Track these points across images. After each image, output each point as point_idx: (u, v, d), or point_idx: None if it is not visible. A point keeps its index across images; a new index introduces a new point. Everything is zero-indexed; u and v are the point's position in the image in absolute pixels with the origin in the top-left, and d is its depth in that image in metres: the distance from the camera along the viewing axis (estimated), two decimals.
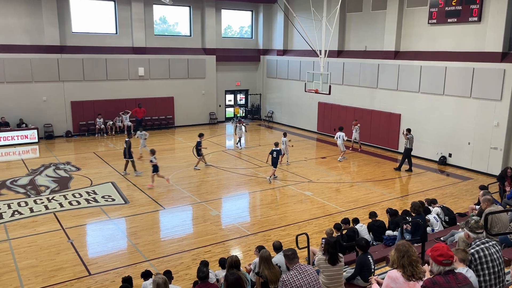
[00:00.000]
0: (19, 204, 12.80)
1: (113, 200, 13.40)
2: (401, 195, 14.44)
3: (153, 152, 14.79)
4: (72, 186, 14.61)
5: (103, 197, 13.55)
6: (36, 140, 20.85)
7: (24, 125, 20.99)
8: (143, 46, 24.01)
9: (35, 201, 13.09)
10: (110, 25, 23.43)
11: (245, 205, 13.79)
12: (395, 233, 9.14)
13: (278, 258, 7.04)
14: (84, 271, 9.07)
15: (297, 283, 5.27)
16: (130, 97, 23.89)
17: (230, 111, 28.77)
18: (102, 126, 22.96)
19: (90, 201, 13.18)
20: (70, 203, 13.02)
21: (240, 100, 29.25)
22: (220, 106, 27.72)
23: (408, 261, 4.31)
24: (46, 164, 17.03)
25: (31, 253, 9.84)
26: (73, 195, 13.71)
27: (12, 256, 9.68)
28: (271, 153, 15.55)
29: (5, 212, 12.18)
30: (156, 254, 9.94)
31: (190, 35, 25.98)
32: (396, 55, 19.69)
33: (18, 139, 20.39)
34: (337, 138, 18.51)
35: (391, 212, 9.86)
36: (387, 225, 9.74)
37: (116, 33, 23.53)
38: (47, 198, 13.38)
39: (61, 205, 12.87)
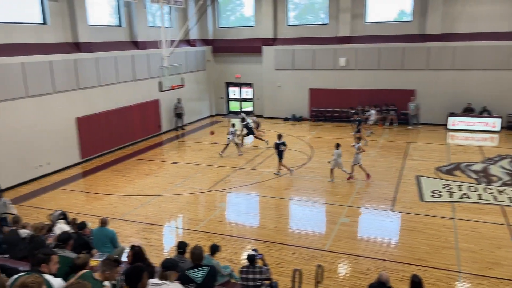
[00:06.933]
0: (469, 188, 13.24)
1: None
2: None
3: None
4: None
5: None
6: (497, 129, 20.47)
7: (486, 112, 21.05)
8: None
9: (484, 189, 13.13)
10: None
11: None
12: None
13: None
14: None
15: None
16: None
17: None
18: None
19: None
20: None
21: None
22: None
23: None
24: (502, 155, 16.52)
25: (472, 238, 10.08)
26: None
27: (454, 234, 10.27)
28: None
29: (455, 192, 12.95)
30: None
31: None
32: None
33: (479, 125, 20.76)
34: None
35: None
36: None
37: None
38: (497, 190, 13.08)
39: (510, 199, 12.28)
